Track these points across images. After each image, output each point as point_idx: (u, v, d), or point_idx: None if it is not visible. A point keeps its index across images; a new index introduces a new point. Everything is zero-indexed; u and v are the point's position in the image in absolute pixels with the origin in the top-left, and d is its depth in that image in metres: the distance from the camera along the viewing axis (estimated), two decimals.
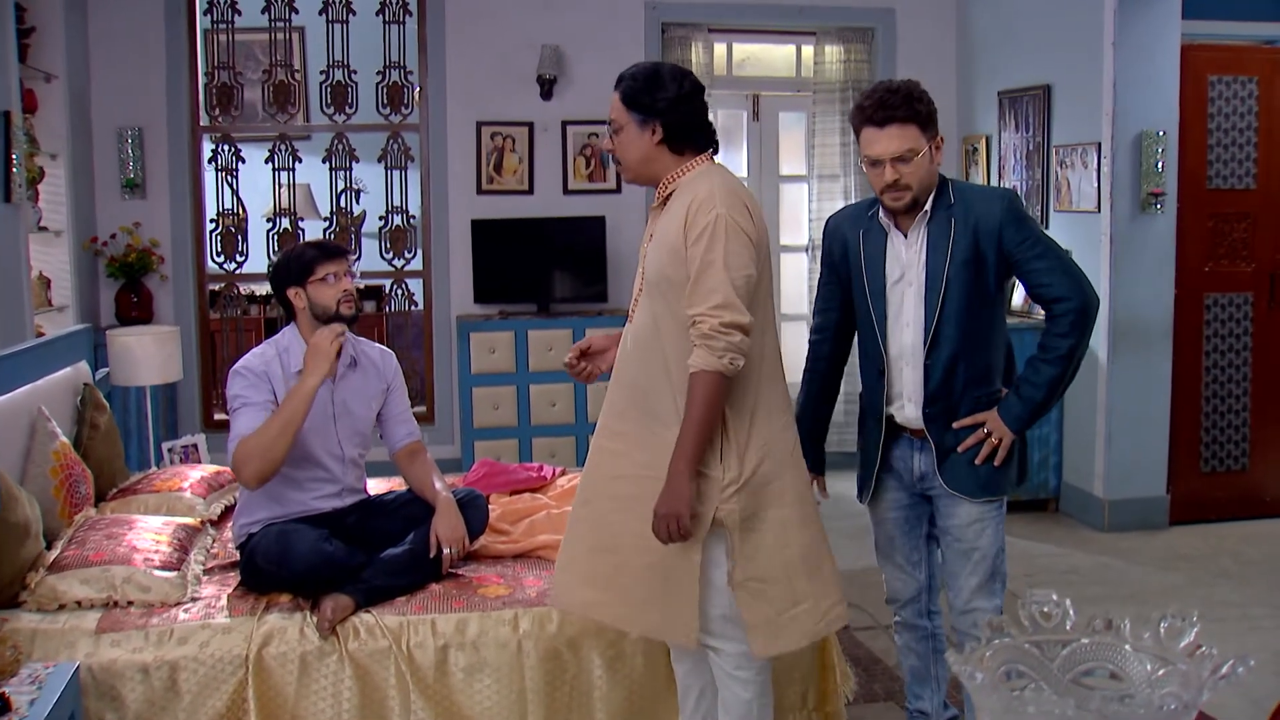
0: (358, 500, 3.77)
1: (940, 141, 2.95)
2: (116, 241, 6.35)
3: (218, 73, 6.67)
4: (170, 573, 3.45)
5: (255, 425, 3.42)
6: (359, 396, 3.73)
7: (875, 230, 3.05)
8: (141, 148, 6.42)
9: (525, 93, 6.77)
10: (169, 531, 3.70)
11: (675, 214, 2.75)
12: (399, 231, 6.92)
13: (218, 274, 6.79)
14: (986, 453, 2.99)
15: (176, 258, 6.53)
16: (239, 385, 3.52)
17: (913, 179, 2.90)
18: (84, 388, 4.41)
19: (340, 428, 3.68)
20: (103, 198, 6.42)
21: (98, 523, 3.70)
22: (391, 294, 7.02)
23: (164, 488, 4.21)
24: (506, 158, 6.77)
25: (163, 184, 6.50)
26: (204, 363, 6.71)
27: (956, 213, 2.92)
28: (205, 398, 6.71)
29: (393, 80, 6.81)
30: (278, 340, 3.66)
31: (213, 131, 6.72)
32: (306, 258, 3.60)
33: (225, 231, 6.74)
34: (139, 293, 6.35)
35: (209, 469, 4.50)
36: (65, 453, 3.90)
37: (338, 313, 3.58)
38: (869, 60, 7.12)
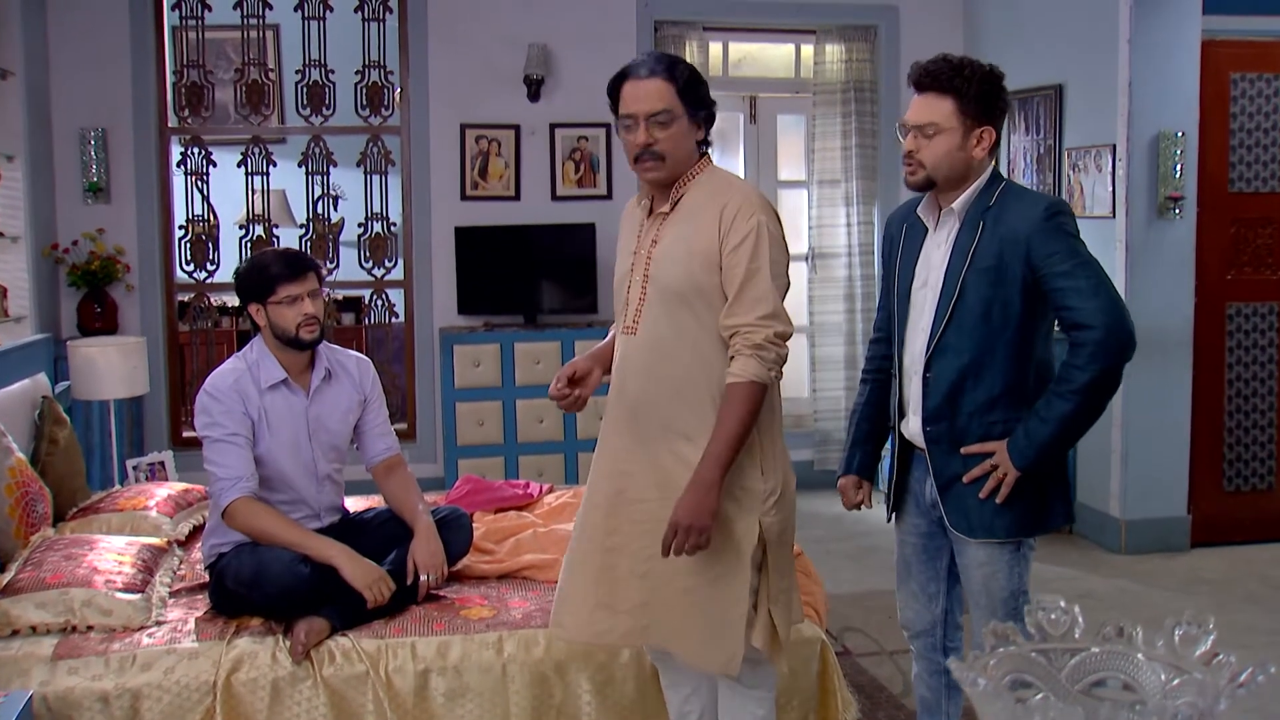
0: (335, 519, 3.78)
1: (988, 134, 2.80)
2: (79, 249, 6.34)
3: (187, 71, 6.68)
4: (134, 595, 3.45)
5: (238, 465, 3.46)
6: (334, 410, 3.73)
7: (917, 226, 2.97)
8: (105, 150, 6.42)
9: (511, 94, 6.79)
10: (133, 552, 3.69)
11: (702, 219, 2.76)
12: (379, 239, 6.92)
13: (187, 284, 6.78)
14: (990, 487, 2.82)
15: (143, 266, 6.52)
16: (213, 411, 3.52)
17: (928, 156, 2.81)
18: (42, 401, 4.41)
19: (315, 445, 3.68)
20: (64, 202, 6.42)
21: (56, 543, 3.69)
22: (371, 305, 7.02)
23: (128, 506, 4.20)
24: (492, 162, 6.78)
25: (128, 188, 6.50)
26: (172, 376, 6.70)
27: (990, 215, 2.79)
28: (173, 413, 6.69)
29: (372, 80, 6.82)
30: (246, 354, 3.66)
31: (182, 133, 6.72)
32: (268, 275, 3.58)
33: (195, 239, 6.73)
34: (103, 303, 6.33)
35: (176, 487, 4.49)
36: (21, 469, 3.90)
37: (297, 337, 3.58)
38: (871, 60, 7.14)
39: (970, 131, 2.79)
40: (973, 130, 2.79)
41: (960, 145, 2.79)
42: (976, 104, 2.78)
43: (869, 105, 7.13)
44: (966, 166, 2.82)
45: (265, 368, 3.61)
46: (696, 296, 2.76)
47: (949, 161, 2.81)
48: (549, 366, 6.36)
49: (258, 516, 3.47)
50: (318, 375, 3.70)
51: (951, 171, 2.82)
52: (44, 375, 4.61)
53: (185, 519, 4.27)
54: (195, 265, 6.75)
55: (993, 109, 2.81)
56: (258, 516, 3.47)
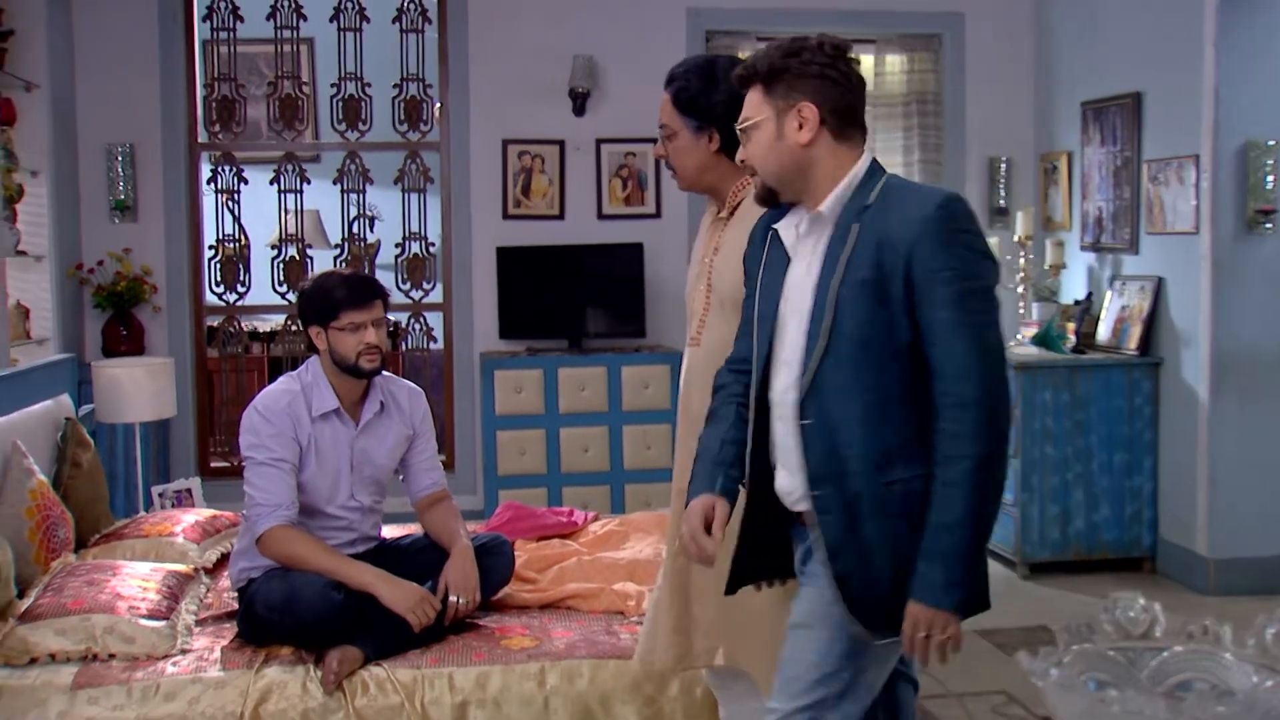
0: (371, 547, 3.82)
1: (808, 110, 2.40)
2: (104, 269, 6.43)
3: (218, 85, 6.79)
4: (158, 622, 3.47)
5: (279, 492, 3.52)
6: (381, 445, 3.79)
7: (779, 237, 2.55)
8: (133, 166, 6.52)
9: (556, 108, 6.83)
10: (158, 578, 3.73)
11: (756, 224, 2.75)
12: (417, 261, 6.98)
13: (217, 306, 6.86)
14: (929, 655, 2.29)
15: (171, 287, 6.60)
16: (262, 433, 3.57)
17: (753, 158, 2.48)
18: (65, 423, 4.47)
19: (357, 478, 3.74)
20: (89, 220, 6.52)
21: (77, 569, 3.73)
22: (409, 329, 7.07)
23: (153, 532, 4.25)
24: (535, 179, 6.82)
25: (156, 206, 6.59)
26: (200, 402, 6.76)
27: (868, 216, 2.36)
28: (201, 440, 6.75)
29: (410, 94, 6.90)
30: (301, 375, 3.72)
31: (212, 149, 6.82)
32: (332, 299, 3.62)
33: (225, 260, 6.82)
34: (129, 325, 6.42)
35: (204, 513, 4.55)
36: (43, 492, 3.94)
37: (356, 365, 3.62)
38: (935, 70, 7.14)
39: (783, 116, 2.43)
40: (785, 113, 2.43)
41: (777, 134, 2.44)
42: (775, 79, 2.43)
43: (933, 119, 7.12)
44: (797, 158, 2.43)
45: (319, 394, 3.66)
46: None
47: (775, 160, 2.45)
48: (594, 392, 6.37)
49: (293, 544, 3.50)
50: (370, 407, 3.75)
51: (781, 169, 2.45)
52: (67, 397, 4.68)
53: (213, 546, 4.31)
54: (225, 287, 6.83)
55: (799, 78, 2.41)
56: (293, 544, 3.50)
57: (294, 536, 3.51)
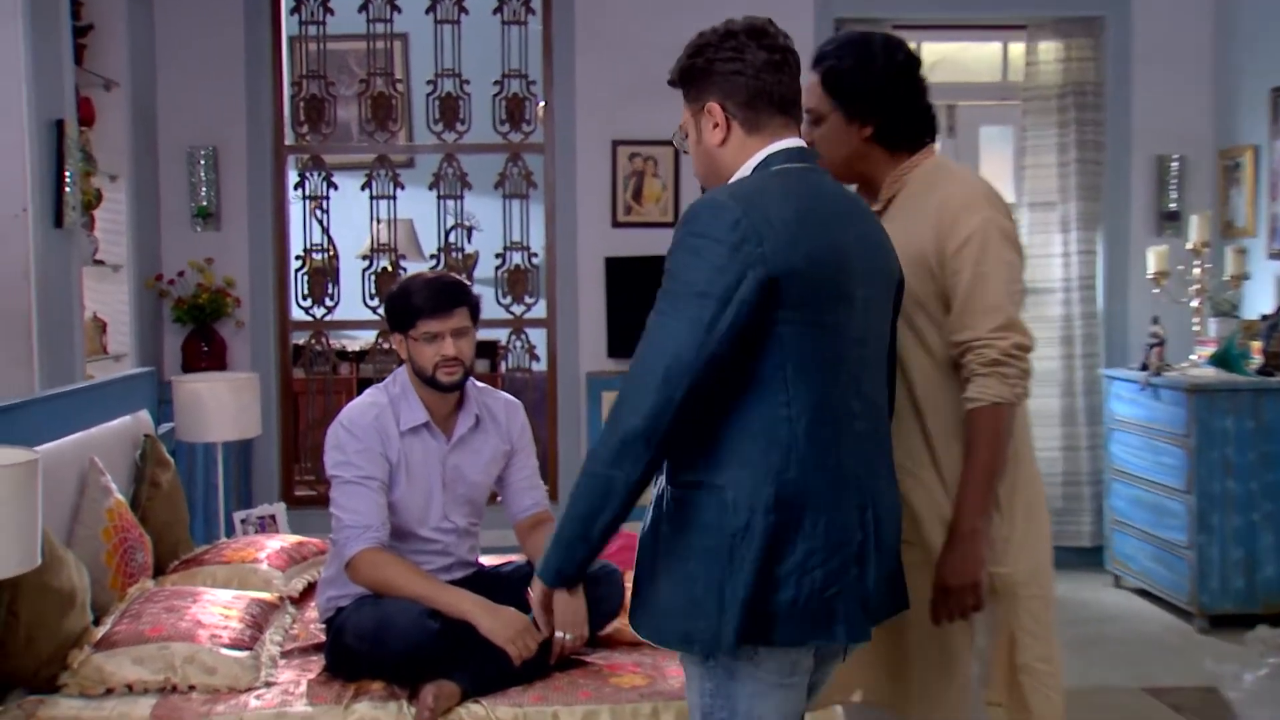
0: (469, 573, 3.84)
1: (712, 109, 2.48)
2: (185, 280, 6.59)
3: (306, 83, 6.94)
4: (241, 652, 3.52)
5: (368, 512, 3.55)
6: (476, 461, 3.82)
7: None
8: (216, 170, 6.68)
9: (671, 105, 6.75)
10: (241, 606, 3.79)
11: (918, 218, 2.76)
12: (518, 273, 7.05)
13: (303, 321, 7.00)
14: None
15: (255, 301, 6.75)
16: (348, 449, 3.63)
17: (694, 163, 2.58)
18: (144, 440, 4.58)
19: (450, 498, 3.77)
20: (170, 228, 6.69)
21: (156, 595, 3.81)
22: (509, 347, 7.13)
23: (236, 558, 4.33)
24: (647, 183, 6.86)
25: (240, 213, 6.74)
26: (285, 425, 6.89)
27: None
28: (285, 464, 6.87)
29: (512, 92, 6.98)
30: (389, 387, 3.76)
31: (299, 152, 6.97)
32: (410, 306, 3.66)
33: (313, 272, 6.96)
34: (210, 340, 6.57)
35: (289, 539, 4.62)
36: (120, 513, 4.03)
37: (433, 378, 3.65)
38: (1095, 57, 7.02)
39: (698, 119, 2.53)
40: (699, 116, 2.52)
41: (697, 138, 2.54)
42: (688, 84, 2.55)
43: (1092, 113, 7.01)
44: (715, 161, 2.52)
45: (407, 406, 3.70)
46: (915, 309, 2.74)
47: (702, 160, 2.55)
48: None
49: (384, 568, 3.53)
50: (465, 421, 3.78)
51: (705, 174, 2.55)
52: (146, 413, 4.79)
53: (299, 574, 4.38)
54: (312, 301, 6.97)
55: (702, 77, 2.51)
56: (384, 568, 3.53)
57: (385, 560, 3.54)
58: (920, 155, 2.86)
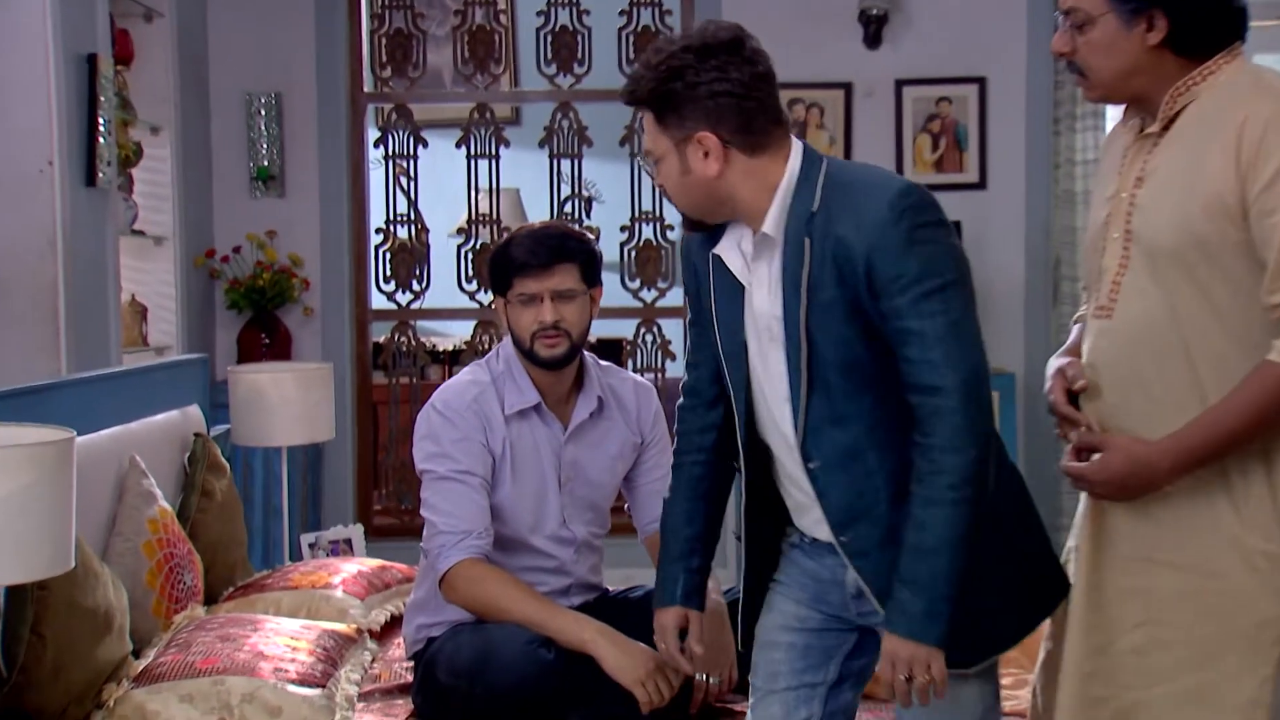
0: (590, 599, 3.86)
1: (704, 139, 2.69)
2: (242, 257, 6.70)
3: (389, 16, 7.03)
4: (312, 690, 3.55)
5: (468, 515, 3.57)
6: (599, 455, 3.82)
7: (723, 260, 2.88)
8: (279, 123, 6.80)
9: (840, 38, 6.86)
10: (310, 637, 3.85)
11: (1209, 142, 2.66)
12: (650, 251, 7.10)
13: (385, 310, 7.11)
14: (910, 697, 2.67)
15: (327, 284, 6.86)
16: (443, 438, 3.64)
17: (668, 187, 2.80)
18: (195, 440, 4.67)
19: (569, 500, 3.78)
20: (224, 194, 6.81)
21: (208, 623, 3.88)
22: (637, 342, 7.15)
23: (305, 583, 4.40)
24: (811, 135, 6.83)
25: (309, 177, 6.85)
26: (362, 431, 6.99)
27: (817, 224, 2.67)
28: (362, 481, 6.96)
29: (643, 24, 7.01)
30: (491, 363, 3.78)
31: (381, 102, 7.11)
32: (508, 259, 3.67)
33: (397, 250, 7.06)
34: (272, 331, 6.68)
35: (370, 563, 4.70)
36: (167, 524, 4.13)
37: (531, 350, 3.66)
38: None
39: (683, 149, 2.72)
40: (685, 146, 2.71)
41: (683, 169, 2.73)
42: (665, 110, 2.72)
43: None
44: (713, 191, 2.73)
45: (514, 386, 3.71)
46: (1202, 259, 2.65)
47: (687, 193, 2.76)
48: None
49: (488, 584, 3.53)
50: (585, 405, 3.78)
51: (698, 203, 2.77)
52: (197, 408, 4.88)
53: (381, 605, 4.42)
54: (397, 285, 7.07)
55: (687, 107, 2.69)
56: (488, 584, 3.53)
57: (489, 575, 3.53)
58: (1219, 60, 2.73)
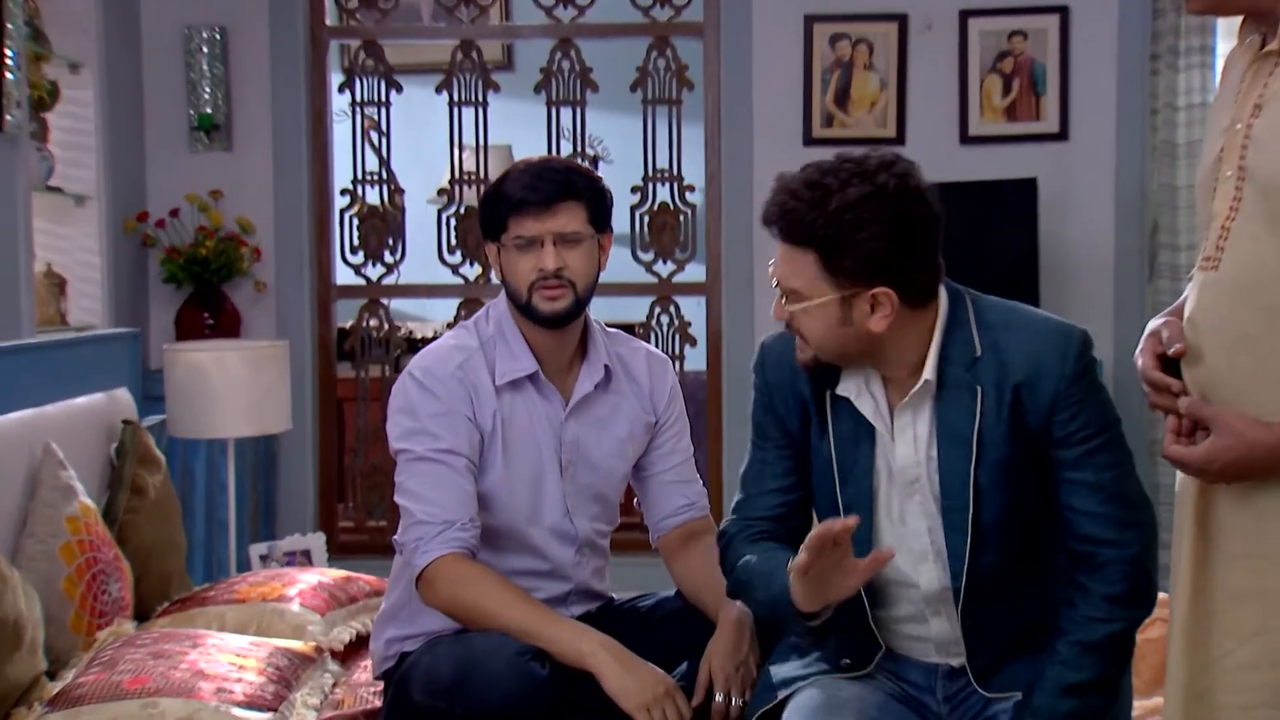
0: (593, 608, 3.82)
1: (882, 295, 2.94)
2: (180, 221, 6.63)
3: None
4: (261, 714, 3.52)
5: (450, 501, 3.51)
6: (606, 437, 3.77)
7: (847, 401, 3.15)
8: (225, 62, 6.74)
9: None
10: (261, 655, 3.80)
11: None
12: (666, 216, 7.07)
13: (353, 286, 7.06)
14: None
15: (283, 254, 6.81)
16: (421, 411, 3.57)
17: (807, 330, 3.00)
18: (124, 427, 4.60)
19: (571, 488, 3.72)
20: (158, 145, 6.76)
21: (137, 639, 3.83)
22: (652, 323, 7.11)
23: (253, 596, 4.36)
24: (858, 79, 6.83)
25: (260, 126, 6.80)
26: (324, 432, 6.92)
27: (984, 370, 3.02)
28: (324, 493, 6.89)
29: None
30: (479, 324, 3.71)
31: (347, 38, 7.08)
32: (501, 199, 3.62)
33: (366, 215, 7.02)
34: (217, 310, 6.62)
35: (332, 573, 4.69)
36: (90, 524, 4.08)
37: (529, 304, 3.60)
38: None
39: (852, 299, 2.95)
40: (854, 299, 2.95)
41: (843, 319, 2.96)
42: (836, 254, 2.91)
43: None
44: (870, 343, 3.01)
45: (507, 351, 3.66)
46: None
47: (837, 341, 3.00)
48: None
49: (473, 584, 3.46)
50: (589, 375, 3.73)
51: (845, 351, 3.03)
52: (126, 391, 4.80)
53: (345, 621, 4.38)
54: (366, 257, 7.03)
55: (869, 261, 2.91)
56: (473, 584, 3.46)
57: (475, 574, 3.47)
58: None
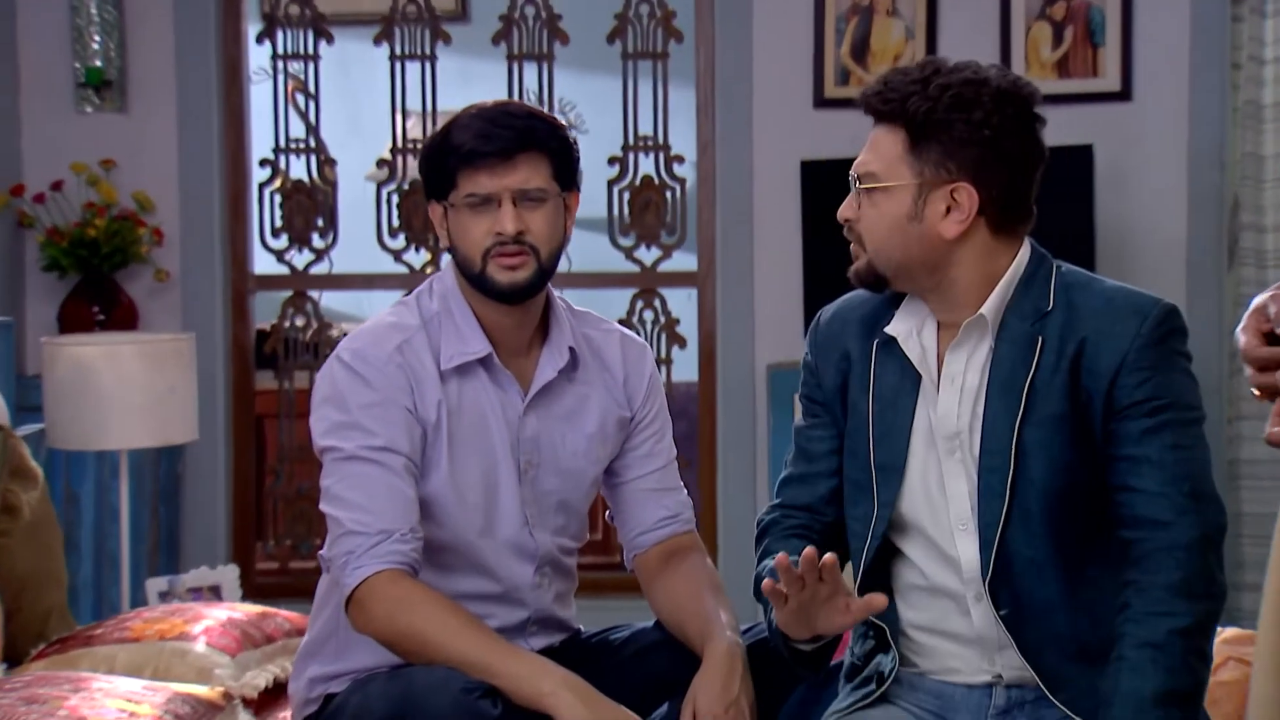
0: (555, 641, 3.84)
1: (961, 192, 3.12)
2: (65, 196, 6.61)
3: None
4: None
5: (385, 508, 3.51)
6: (573, 434, 3.78)
7: (894, 348, 3.31)
8: (119, 7, 6.72)
9: None
10: (157, 700, 3.78)
11: None
12: (649, 192, 7.08)
13: (275, 276, 7.07)
14: None
15: (190, 237, 6.79)
16: (350, 401, 3.55)
17: (867, 229, 3.20)
18: None
19: (531, 495, 3.73)
20: (37, 105, 6.75)
21: (6, 683, 3.81)
22: (634, 320, 7.11)
23: (149, 634, 4.35)
24: (880, 27, 6.87)
25: (162, 83, 6.79)
26: (239, 449, 6.92)
27: (1051, 325, 3.18)
28: (239, 522, 6.89)
29: None
30: (421, 299, 3.72)
31: None
32: (448, 150, 3.62)
33: (291, 190, 7.01)
34: (109, 303, 6.59)
35: (246, 609, 4.74)
36: None
37: (482, 274, 3.59)
38: None
39: (927, 191, 3.13)
40: (932, 189, 3.13)
41: (912, 213, 3.13)
42: (929, 137, 3.12)
43: None
44: (934, 251, 3.18)
45: (454, 331, 3.66)
46: None
47: (901, 243, 3.18)
48: None
49: (412, 607, 3.45)
50: (551, 359, 3.73)
51: (907, 259, 3.20)
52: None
53: (261, 665, 4.39)
54: (291, 241, 7.02)
55: (961, 149, 3.11)
56: (412, 607, 3.45)
57: (417, 595, 3.47)
58: None
